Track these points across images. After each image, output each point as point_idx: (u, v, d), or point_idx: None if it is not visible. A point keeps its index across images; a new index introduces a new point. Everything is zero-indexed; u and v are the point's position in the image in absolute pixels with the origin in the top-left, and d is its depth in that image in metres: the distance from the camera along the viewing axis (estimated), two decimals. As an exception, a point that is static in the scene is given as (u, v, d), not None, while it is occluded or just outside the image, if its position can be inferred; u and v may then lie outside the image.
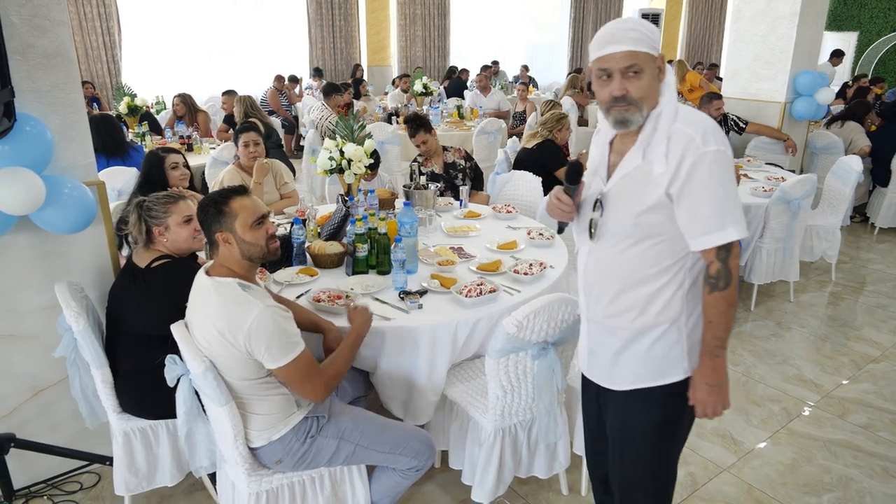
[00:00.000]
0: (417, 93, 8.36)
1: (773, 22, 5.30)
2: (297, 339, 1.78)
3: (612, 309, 1.59)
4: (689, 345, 1.56)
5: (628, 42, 1.41)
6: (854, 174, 4.24)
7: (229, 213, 1.81)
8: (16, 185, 1.94)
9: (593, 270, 1.62)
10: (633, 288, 1.55)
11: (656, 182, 1.45)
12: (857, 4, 13.71)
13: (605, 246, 1.57)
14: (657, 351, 1.56)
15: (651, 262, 1.52)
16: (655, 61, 1.45)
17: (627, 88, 1.43)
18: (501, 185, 4.11)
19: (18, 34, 2.10)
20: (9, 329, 2.32)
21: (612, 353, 1.62)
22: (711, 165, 1.40)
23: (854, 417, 2.98)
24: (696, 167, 1.41)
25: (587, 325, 1.70)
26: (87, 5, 8.66)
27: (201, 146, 5.65)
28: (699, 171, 1.41)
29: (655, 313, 1.54)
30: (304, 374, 1.79)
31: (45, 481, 2.48)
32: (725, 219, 1.42)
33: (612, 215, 1.54)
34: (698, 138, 1.41)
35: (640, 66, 1.42)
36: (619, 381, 1.63)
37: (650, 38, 1.42)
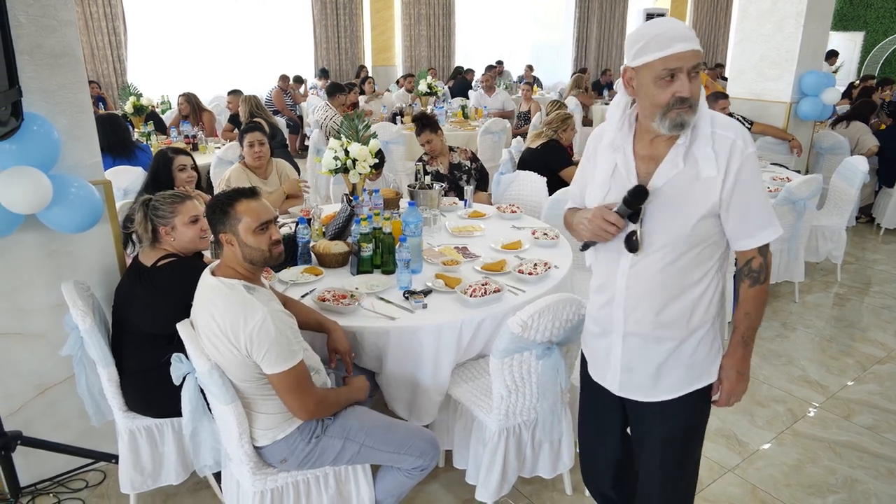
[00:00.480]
0: (422, 92, 8.36)
1: (778, 21, 5.28)
2: (297, 349, 1.78)
3: (660, 320, 1.53)
4: (722, 340, 1.61)
5: (694, 41, 1.37)
6: (860, 175, 4.22)
7: (234, 216, 1.81)
8: (23, 184, 1.95)
9: (638, 284, 1.53)
10: (681, 295, 1.52)
11: (708, 186, 1.43)
12: (864, 4, 13.65)
13: (650, 258, 1.50)
14: (700, 353, 1.57)
15: (697, 267, 1.50)
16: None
17: (691, 90, 1.38)
18: (507, 184, 4.11)
19: (26, 34, 2.11)
20: (16, 327, 2.33)
21: (655, 366, 1.58)
22: (753, 167, 1.43)
23: (859, 418, 2.97)
24: (743, 169, 1.42)
25: (622, 341, 1.60)
26: (93, 5, 8.70)
27: (206, 145, 5.67)
28: (745, 174, 1.42)
29: (700, 317, 1.54)
30: (296, 386, 1.78)
31: (52, 479, 2.50)
32: (770, 217, 1.47)
33: (661, 225, 1.47)
34: (740, 141, 1.42)
35: (695, 66, 1.38)
36: (663, 391, 1.59)
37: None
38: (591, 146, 1.65)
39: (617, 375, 1.64)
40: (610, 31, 14.13)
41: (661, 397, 1.60)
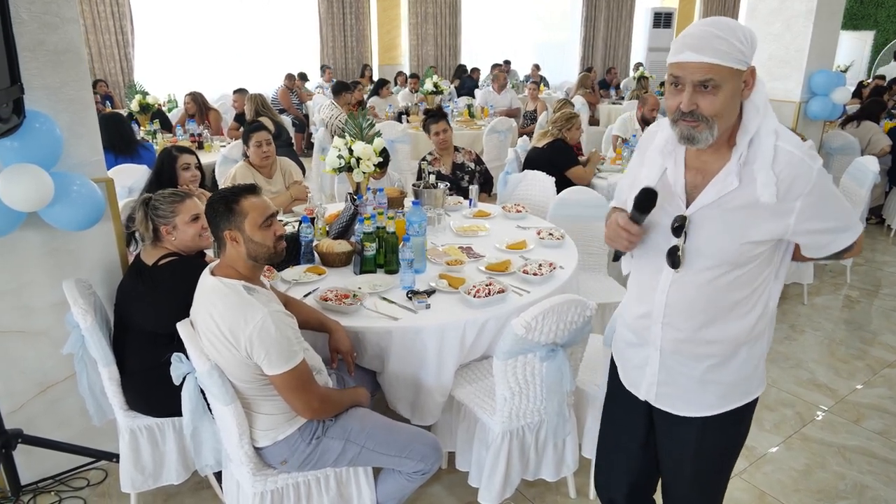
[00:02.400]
0: (428, 91, 8.34)
1: (787, 20, 5.23)
2: (297, 350, 1.76)
3: (701, 337, 1.46)
4: (762, 358, 1.53)
5: (710, 53, 1.24)
6: (870, 175, 4.17)
7: (239, 212, 1.80)
8: (25, 181, 1.94)
9: (679, 301, 1.45)
10: (725, 314, 1.43)
11: (768, 212, 1.32)
12: (874, 3, 13.55)
13: (693, 274, 1.41)
14: (745, 370, 1.49)
15: (744, 286, 1.41)
16: (740, 76, 1.28)
17: (698, 103, 1.28)
18: (514, 184, 4.09)
19: (29, 31, 2.10)
20: (18, 325, 2.32)
21: (693, 381, 1.50)
22: (824, 185, 1.33)
23: (869, 423, 2.92)
24: (814, 192, 1.31)
25: (659, 355, 1.53)
26: (100, 4, 8.73)
27: (212, 144, 5.67)
28: (816, 195, 1.31)
29: (746, 334, 1.45)
30: (298, 385, 1.76)
31: (53, 477, 2.49)
32: (847, 221, 1.38)
33: (707, 244, 1.38)
34: (807, 159, 1.30)
35: (717, 81, 1.26)
36: (702, 408, 1.51)
37: (740, 51, 1.25)
38: (643, 145, 1.56)
39: (654, 388, 1.56)
40: (617, 31, 14.06)
41: (701, 413, 1.51)
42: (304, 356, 1.78)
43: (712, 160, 1.38)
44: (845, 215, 1.38)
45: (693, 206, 1.39)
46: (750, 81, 1.32)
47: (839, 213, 1.37)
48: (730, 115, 1.32)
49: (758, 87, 1.33)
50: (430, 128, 4.08)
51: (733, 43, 1.25)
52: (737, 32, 1.26)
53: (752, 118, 1.33)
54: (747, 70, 1.30)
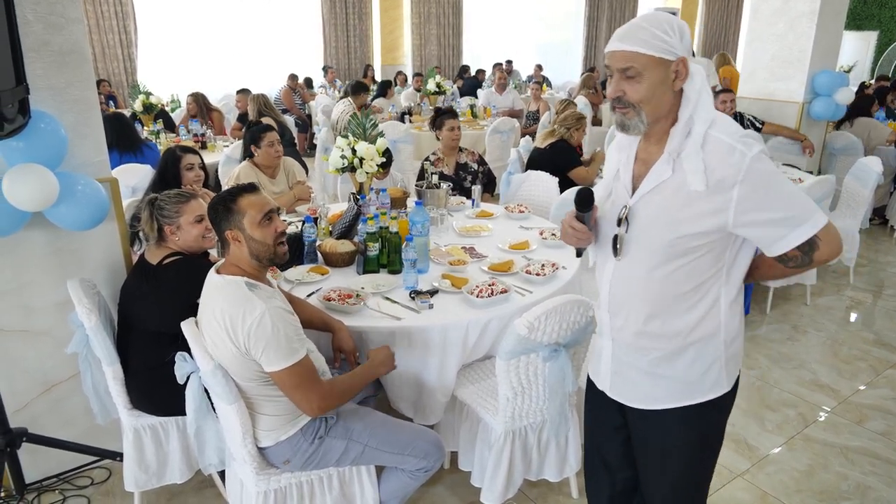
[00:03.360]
0: (430, 91, 8.35)
1: (791, 20, 5.22)
2: (299, 346, 1.75)
3: (643, 330, 1.47)
4: (727, 358, 1.47)
5: (633, 42, 1.31)
6: (873, 175, 4.16)
7: (238, 211, 1.80)
8: (30, 181, 1.95)
9: (621, 290, 1.49)
10: (668, 307, 1.43)
11: (704, 203, 1.32)
12: (878, 3, 13.52)
13: (633, 264, 1.45)
14: (696, 370, 1.47)
15: (687, 279, 1.40)
16: (668, 66, 1.31)
17: (624, 90, 1.34)
18: (518, 185, 4.09)
19: (34, 31, 2.11)
20: (22, 325, 2.33)
21: (642, 374, 1.52)
22: (763, 170, 1.28)
23: (872, 424, 2.92)
24: (748, 180, 1.28)
25: (611, 345, 1.57)
26: (104, 4, 8.75)
27: (215, 144, 5.69)
28: (753, 182, 1.28)
29: (691, 332, 1.43)
30: (299, 383, 1.75)
31: (57, 476, 2.50)
32: (803, 211, 1.30)
33: (642, 233, 1.41)
34: (739, 145, 1.28)
35: (637, 69, 1.31)
36: (653, 400, 1.52)
37: (662, 40, 1.29)
38: (614, 141, 1.61)
39: (608, 377, 1.60)
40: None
41: (651, 405, 1.53)
42: (307, 353, 1.78)
43: (655, 150, 1.41)
44: (796, 205, 1.30)
45: (634, 197, 1.44)
46: (682, 72, 1.34)
47: (787, 202, 1.30)
48: (657, 104, 1.35)
49: (692, 78, 1.35)
50: (445, 122, 4.06)
51: (655, 32, 1.30)
52: (662, 24, 1.32)
53: (685, 108, 1.36)
54: (676, 60, 1.33)
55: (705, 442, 1.57)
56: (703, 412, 1.51)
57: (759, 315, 4.02)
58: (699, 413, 1.51)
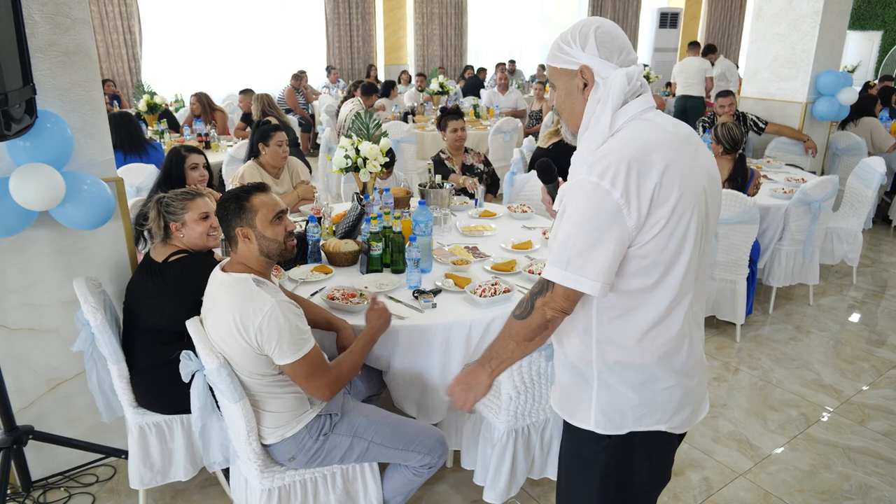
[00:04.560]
0: (433, 91, 8.35)
1: (794, 20, 5.22)
2: (308, 337, 1.78)
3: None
4: (601, 403, 1.36)
5: (548, 56, 1.40)
6: (877, 176, 4.16)
7: (250, 209, 1.82)
8: (36, 181, 1.96)
9: None
10: None
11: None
12: (882, 3, 13.48)
13: None
14: (566, 382, 1.44)
15: None
16: (572, 75, 1.33)
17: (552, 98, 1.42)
18: (521, 185, 4.10)
19: (41, 32, 2.12)
20: (28, 323, 2.35)
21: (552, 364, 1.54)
22: (582, 195, 1.22)
23: (874, 424, 2.92)
24: (571, 191, 1.26)
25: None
26: (108, 4, 8.79)
27: (219, 144, 5.70)
28: (571, 196, 1.26)
29: (568, 344, 1.40)
30: (313, 372, 1.79)
31: (63, 473, 2.52)
32: (562, 256, 1.24)
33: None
34: (588, 164, 1.24)
35: (552, 80, 1.39)
36: (553, 398, 1.53)
37: (564, 51, 1.32)
38: None
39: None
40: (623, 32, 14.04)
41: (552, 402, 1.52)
42: (315, 343, 1.80)
43: None
44: (562, 242, 1.24)
45: None
46: (590, 81, 1.32)
47: (564, 234, 1.24)
48: (569, 111, 1.38)
49: (597, 88, 1.31)
50: (448, 124, 4.09)
51: (559, 44, 1.35)
52: (567, 35, 1.34)
53: (585, 118, 1.34)
54: (578, 69, 1.32)
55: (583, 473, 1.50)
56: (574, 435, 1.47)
57: (762, 315, 4.02)
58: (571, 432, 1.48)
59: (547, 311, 1.29)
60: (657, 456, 1.44)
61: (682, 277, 1.29)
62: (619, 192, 1.19)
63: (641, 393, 1.34)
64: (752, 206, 3.33)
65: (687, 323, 1.34)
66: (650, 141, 1.26)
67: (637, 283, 1.28)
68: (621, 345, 1.33)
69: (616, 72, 1.29)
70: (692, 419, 1.43)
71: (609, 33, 1.31)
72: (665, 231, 1.24)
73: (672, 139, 1.29)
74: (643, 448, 1.39)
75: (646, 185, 1.20)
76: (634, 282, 1.28)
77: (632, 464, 1.41)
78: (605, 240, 1.21)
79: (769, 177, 4.47)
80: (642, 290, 1.29)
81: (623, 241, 1.22)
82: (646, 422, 1.36)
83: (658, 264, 1.26)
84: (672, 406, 1.37)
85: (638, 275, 1.27)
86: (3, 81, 1.75)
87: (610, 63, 1.30)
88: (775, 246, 3.90)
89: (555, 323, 1.32)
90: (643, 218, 1.22)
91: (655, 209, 1.22)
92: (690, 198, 1.25)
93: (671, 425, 1.38)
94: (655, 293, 1.29)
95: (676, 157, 1.25)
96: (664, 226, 1.23)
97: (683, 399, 1.38)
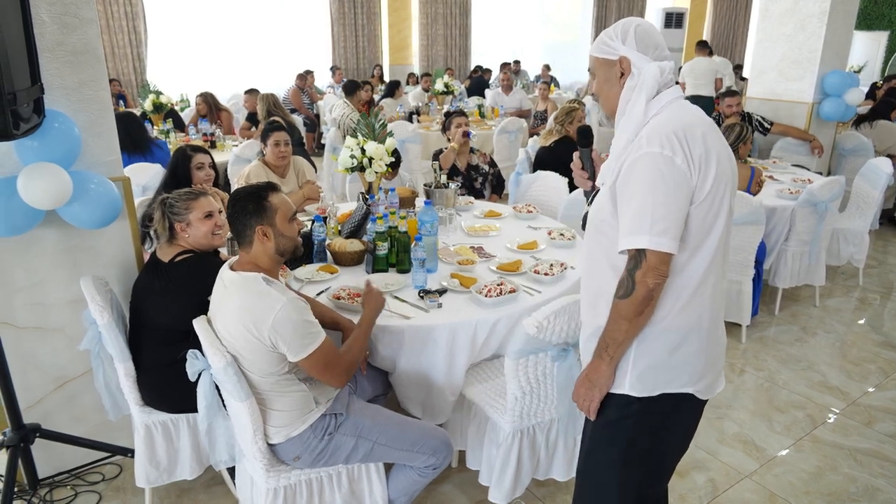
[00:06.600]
0: (438, 91, 8.35)
1: (801, 20, 5.20)
2: (318, 330, 1.80)
3: (583, 299, 1.62)
4: (637, 367, 1.47)
5: (592, 47, 1.55)
6: (883, 176, 4.14)
7: (270, 208, 1.84)
8: (44, 180, 1.97)
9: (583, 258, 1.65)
10: (592, 279, 1.56)
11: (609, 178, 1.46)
12: (889, 3, 13.42)
13: (586, 234, 1.60)
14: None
15: (602, 257, 1.50)
16: (611, 65, 1.49)
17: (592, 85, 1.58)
18: (527, 185, 4.10)
19: (49, 32, 2.13)
20: (36, 321, 2.36)
21: (583, 338, 1.63)
22: (647, 165, 1.35)
23: (881, 426, 2.91)
24: (634, 165, 1.38)
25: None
26: (114, 4, 8.82)
27: (224, 143, 5.72)
28: (634, 170, 1.37)
29: (603, 314, 1.48)
30: (328, 363, 1.81)
31: (69, 471, 2.52)
32: (643, 224, 1.34)
33: (592, 207, 1.58)
34: (644, 139, 1.38)
35: (592, 68, 1.55)
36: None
37: (605, 43, 1.49)
38: None
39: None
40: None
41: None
42: (325, 334, 1.81)
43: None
44: (641, 211, 1.35)
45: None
46: (626, 71, 1.48)
47: (641, 203, 1.36)
48: (606, 97, 1.54)
49: (632, 77, 1.46)
50: (454, 120, 4.15)
51: (603, 38, 1.51)
52: (609, 31, 1.51)
53: (621, 105, 1.49)
54: (617, 59, 1.48)
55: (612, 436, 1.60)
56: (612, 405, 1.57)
57: (768, 316, 4.01)
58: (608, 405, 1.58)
59: (648, 280, 1.37)
60: (683, 420, 1.55)
61: (715, 247, 1.42)
62: (679, 157, 1.34)
63: (675, 355, 1.46)
64: (758, 206, 3.32)
65: (715, 290, 1.46)
66: (691, 118, 1.42)
67: (681, 247, 1.39)
68: (661, 309, 1.43)
69: (650, 64, 1.45)
70: (714, 387, 1.54)
71: (647, 31, 1.48)
72: (708, 198, 1.38)
73: (707, 120, 1.45)
74: (671, 410, 1.51)
75: (696, 151, 1.36)
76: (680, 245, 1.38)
77: (658, 427, 1.52)
78: (678, 201, 1.35)
79: (775, 177, 4.45)
80: (683, 253, 1.40)
81: (689, 201, 1.37)
82: (675, 383, 1.48)
83: (702, 229, 1.40)
84: (699, 369, 1.48)
85: (683, 239, 1.38)
86: (11, 81, 1.75)
87: (645, 56, 1.46)
88: (781, 247, 3.88)
89: (658, 290, 1.39)
90: (697, 180, 1.36)
91: (705, 174, 1.36)
92: (727, 172, 1.41)
93: (698, 388, 1.49)
94: (694, 259, 1.41)
95: (712, 135, 1.41)
96: (708, 192, 1.37)
97: (708, 363, 1.50)
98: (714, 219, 1.40)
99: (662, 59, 1.47)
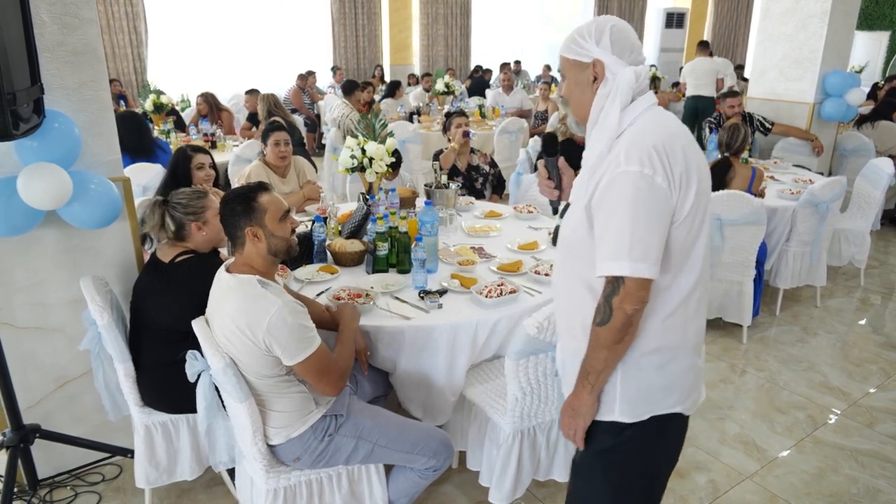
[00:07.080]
0: (439, 91, 8.35)
1: (802, 20, 5.19)
2: (314, 335, 1.79)
3: (564, 312, 1.51)
4: (626, 391, 1.39)
5: (562, 47, 1.43)
6: (885, 177, 4.13)
7: (258, 208, 1.83)
8: (44, 180, 1.97)
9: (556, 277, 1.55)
10: (567, 301, 1.46)
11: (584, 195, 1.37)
12: (890, 3, 13.41)
13: (558, 252, 1.52)
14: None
15: (577, 279, 1.41)
16: (584, 68, 1.38)
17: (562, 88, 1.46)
18: (527, 185, 4.10)
19: (49, 32, 2.13)
20: (36, 322, 2.36)
21: (560, 361, 1.56)
22: (626, 186, 1.26)
23: (882, 427, 2.90)
24: (611, 185, 1.28)
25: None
26: (114, 5, 8.83)
27: (225, 143, 5.72)
28: (612, 190, 1.28)
29: (581, 337, 1.41)
30: (322, 368, 1.79)
31: (69, 472, 2.52)
32: (621, 249, 1.26)
33: (563, 224, 1.49)
34: (622, 156, 1.28)
35: (563, 70, 1.43)
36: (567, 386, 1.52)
37: (577, 43, 1.38)
38: None
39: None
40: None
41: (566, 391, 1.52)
42: (321, 340, 1.80)
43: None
44: (620, 235, 1.26)
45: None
46: (600, 75, 1.37)
47: (619, 226, 1.26)
48: (578, 101, 1.42)
49: (606, 83, 1.36)
50: (454, 120, 4.17)
51: (574, 37, 1.39)
52: (581, 30, 1.39)
53: (593, 112, 1.39)
54: (590, 63, 1.37)
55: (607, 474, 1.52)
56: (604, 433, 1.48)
57: (769, 317, 4.00)
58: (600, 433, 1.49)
59: (626, 307, 1.29)
60: (673, 439, 1.50)
61: (700, 264, 1.36)
62: (660, 175, 1.26)
63: (663, 374, 1.40)
64: (759, 206, 3.32)
65: (699, 304, 1.40)
66: (669, 127, 1.33)
67: (664, 269, 1.32)
68: (646, 331, 1.36)
69: (626, 69, 1.35)
70: (698, 401, 1.50)
71: (623, 32, 1.38)
72: (689, 216, 1.30)
73: (684, 130, 1.37)
74: (661, 432, 1.45)
75: (676, 169, 1.28)
76: (662, 267, 1.31)
77: (652, 450, 1.46)
78: (659, 224, 1.27)
79: (776, 178, 4.45)
80: (667, 275, 1.33)
81: (669, 222, 1.29)
82: (665, 404, 1.41)
83: (683, 248, 1.32)
84: (687, 386, 1.43)
85: (665, 260, 1.31)
86: (11, 81, 1.75)
87: (621, 60, 1.36)
88: (782, 247, 3.88)
89: (638, 315, 1.31)
90: (678, 199, 1.28)
91: (686, 192, 1.29)
92: (706, 188, 1.34)
93: (685, 406, 1.44)
94: (678, 278, 1.35)
95: (691, 147, 1.33)
96: (689, 210, 1.30)
97: (696, 379, 1.46)
98: (696, 235, 1.33)
99: (638, 62, 1.37)
